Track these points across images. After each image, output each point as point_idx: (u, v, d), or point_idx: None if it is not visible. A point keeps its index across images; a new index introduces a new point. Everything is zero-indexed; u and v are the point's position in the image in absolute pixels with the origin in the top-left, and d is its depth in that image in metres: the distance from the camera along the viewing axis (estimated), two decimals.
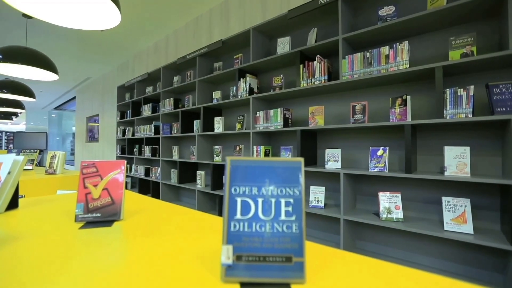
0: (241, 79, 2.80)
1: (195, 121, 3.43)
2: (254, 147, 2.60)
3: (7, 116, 6.92)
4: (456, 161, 1.59)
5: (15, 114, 6.99)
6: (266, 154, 2.61)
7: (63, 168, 2.49)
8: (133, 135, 4.96)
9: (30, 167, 2.97)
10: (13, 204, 0.90)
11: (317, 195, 2.20)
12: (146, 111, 4.43)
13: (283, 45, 2.57)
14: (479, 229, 1.60)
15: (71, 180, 2.35)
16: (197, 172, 3.25)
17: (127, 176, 5.07)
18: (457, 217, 1.59)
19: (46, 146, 12.43)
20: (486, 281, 1.62)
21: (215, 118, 3.12)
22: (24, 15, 3.21)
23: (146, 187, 4.59)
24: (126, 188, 1.61)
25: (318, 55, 2.22)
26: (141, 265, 0.48)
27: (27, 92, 3.28)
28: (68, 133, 14.23)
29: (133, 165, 4.72)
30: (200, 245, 0.58)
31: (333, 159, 2.14)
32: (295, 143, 2.64)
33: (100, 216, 0.74)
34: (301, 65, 2.29)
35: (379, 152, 1.89)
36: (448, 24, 1.78)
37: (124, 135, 5.15)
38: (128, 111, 5.16)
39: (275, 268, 0.40)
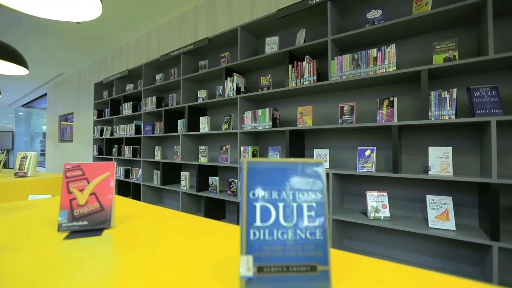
0: (228, 78, 2.75)
1: (179, 121, 3.32)
2: (242, 147, 2.56)
3: None
4: (440, 160, 1.66)
5: None
6: (254, 155, 2.57)
7: (35, 170, 2.30)
8: (111, 134, 4.71)
9: None
10: None
11: None
12: (126, 109, 4.22)
13: (271, 45, 2.56)
14: (460, 226, 1.68)
15: (44, 183, 2.16)
16: (181, 173, 3.15)
17: None
18: (440, 214, 1.66)
19: (12, 146, 11.56)
20: (465, 274, 1.70)
21: (201, 118, 3.03)
22: None
23: (126, 189, 4.39)
24: None
25: (307, 56, 2.22)
26: (141, 280, 0.42)
27: None
28: (37, 133, 13.28)
29: None
30: (209, 255, 0.53)
31: (321, 159, 2.15)
32: (283, 143, 2.63)
33: (88, 224, 0.67)
34: (290, 65, 2.28)
35: (367, 152, 1.92)
36: (432, 29, 1.85)
37: (101, 134, 4.88)
38: (106, 110, 4.90)
39: (299, 278, 0.37)
